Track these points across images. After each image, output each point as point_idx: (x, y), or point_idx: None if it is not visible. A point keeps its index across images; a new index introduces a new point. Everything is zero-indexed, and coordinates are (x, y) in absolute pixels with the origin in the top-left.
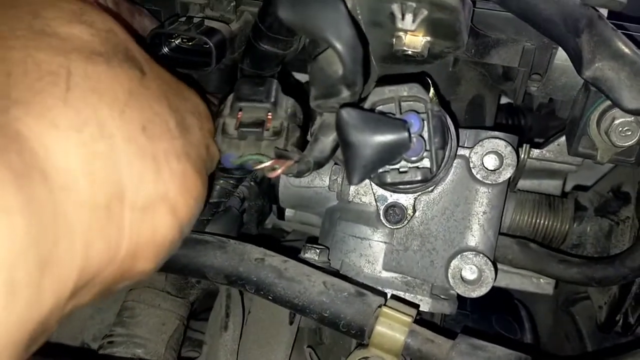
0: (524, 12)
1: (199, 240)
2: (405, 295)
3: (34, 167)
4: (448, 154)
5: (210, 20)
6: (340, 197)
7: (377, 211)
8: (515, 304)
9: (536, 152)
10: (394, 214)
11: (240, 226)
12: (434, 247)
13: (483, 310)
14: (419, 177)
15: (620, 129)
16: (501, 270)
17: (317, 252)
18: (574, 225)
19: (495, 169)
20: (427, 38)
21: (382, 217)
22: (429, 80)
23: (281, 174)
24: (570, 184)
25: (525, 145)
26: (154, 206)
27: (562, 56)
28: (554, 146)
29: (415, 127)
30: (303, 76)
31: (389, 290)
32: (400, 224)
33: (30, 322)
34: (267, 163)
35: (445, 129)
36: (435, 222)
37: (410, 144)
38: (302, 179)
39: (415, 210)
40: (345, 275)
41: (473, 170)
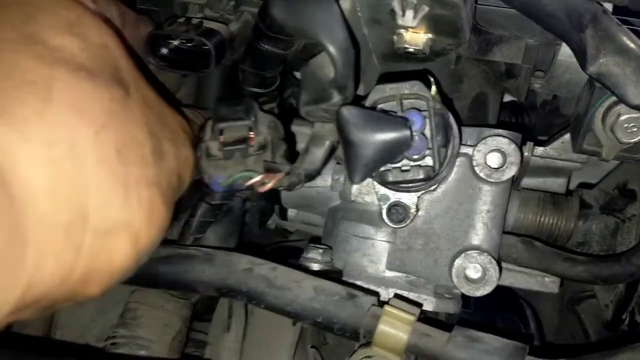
0: (527, 8)
1: (184, 255)
2: (409, 295)
3: None
4: (451, 152)
5: (209, 21)
6: (343, 196)
7: (380, 210)
8: (520, 303)
9: (540, 150)
10: (397, 213)
11: (242, 227)
12: (437, 246)
13: (488, 310)
14: (421, 175)
15: (625, 125)
16: (506, 269)
17: (320, 252)
18: (579, 223)
19: (498, 167)
20: (429, 35)
21: (384, 217)
22: (431, 78)
23: (272, 187)
24: (575, 182)
25: (529, 143)
26: (116, 233)
27: (565, 52)
28: (558, 144)
29: (417, 125)
30: None
31: (392, 290)
32: (403, 223)
33: None
34: (256, 178)
35: (447, 127)
36: (439, 221)
37: (412, 142)
38: None
39: (418, 209)
40: (336, 277)
41: (476, 168)
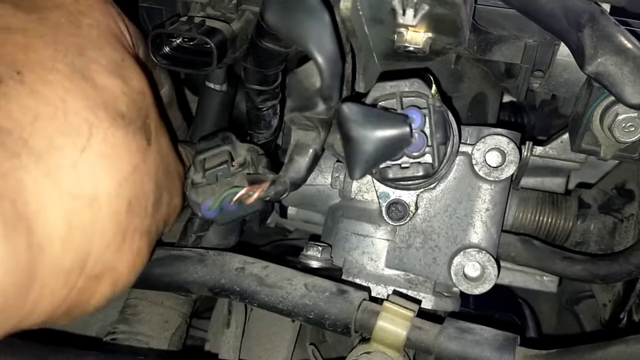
0: (525, 7)
1: (177, 256)
2: (408, 293)
3: (23, 219)
4: (450, 150)
5: (211, 19)
6: (343, 194)
7: (380, 208)
8: (518, 302)
9: (539, 149)
10: (396, 210)
11: (242, 225)
12: (436, 244)
13: (486, 309)
14: (420, 172)
15: (623, 124)
16: (504, 267)
17: (320, 249)
18: (578, 223)
19: (497, 165)
20: (429, 34)
21: (384, 214)
22: (431, 77)
23: (258, 198)
24: (573, 182)
25: (528, 143)
26: (102, 276)
27: (564, 52)
28: (557, 143)
29: (416, 123)
30: None
31: (391, 288)
32: (403, 220)
33: None
34: (242, 191)
35: (447, 125)
36: (438, 219)
37: (412, 139)
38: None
39: (417, 207)
40: (336, 274)
41: (475, 167)
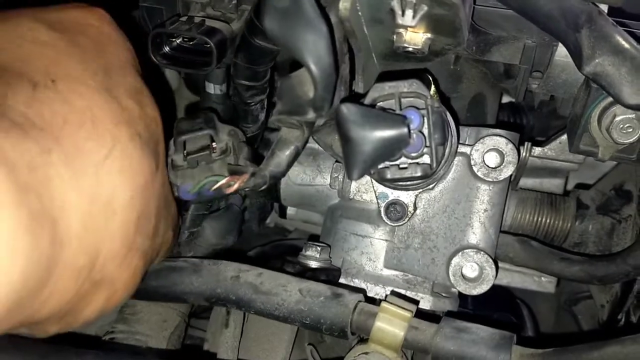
0: (523, 8)
1: (173, 267)
2: (407, 293)
3: (48, 213)
4: (448, 150)
5: (211, 19)
6: (342, 194)
7: (378, 208)
8: (517, 302)
9: (538, 150)
10: (395, 211)
11: (241, 224)
12: (435, 245)
13: (484, 309)
14: (419, 173)
15: (621, 125)
16: (502, 268)
17: (319, 249)
18: (576, 224)
19: (496, 166)
20: (428, 35)
21: (383, 215)
22: (430, 77)
23: (238, 189)
24: (572, 183)
25: (526, 144)
26: (101, 287)
27: (562, 53)
28: (556, 144)
29: (415, 123)
30: None
31: (390, 288)
32: (401, 221)
33: None
34: (222, 181)
35: (445, 125)
36: (436, 220)
37: (410, 139)
38: (303, 177)
39: (416, 208)
40: (335, 274)
41: (474, 167)
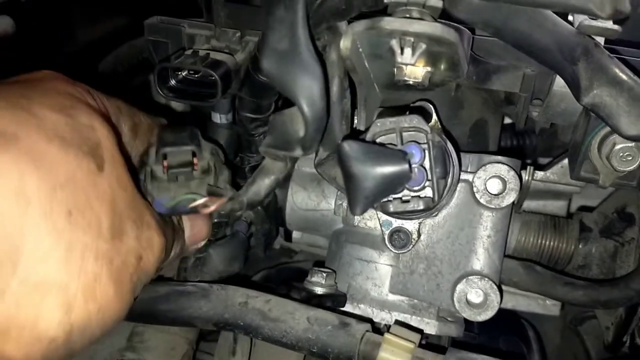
0: (520, 43)
1: (182, 292)
2: (412, 318)
3: None
4: (450, 182)
5: (216, 51)
6: (346, 221)
7: (383, 236)
8: (522, 324)
9: (540, 174)
10: (399, 238)
11: (247, 251)
12: (439, 271)
13: (490, 332)
14: (421, 206)
15: (621, 154)
16: (507, 291)
17: (324, 275)
18: (580, 247)
19: (498, 193)
20: (428, 68)
21: (387, 242)
22: (431, 108)
23: (214, 211)
24: (575, 205)
25: (529, 168)
26: (46, 291)
27: (560, 83)
28: (558, 168)
29: (416, 158)
30: None
31: (395, 313)
32: (405, 248)
33: None
34: (200, 201)
35: (446, 159)
36: (441, 246)
37: (412, 174)
38: (308, 202)
39: (420, 234)
40: (341, 300)
41: (477, 194)
